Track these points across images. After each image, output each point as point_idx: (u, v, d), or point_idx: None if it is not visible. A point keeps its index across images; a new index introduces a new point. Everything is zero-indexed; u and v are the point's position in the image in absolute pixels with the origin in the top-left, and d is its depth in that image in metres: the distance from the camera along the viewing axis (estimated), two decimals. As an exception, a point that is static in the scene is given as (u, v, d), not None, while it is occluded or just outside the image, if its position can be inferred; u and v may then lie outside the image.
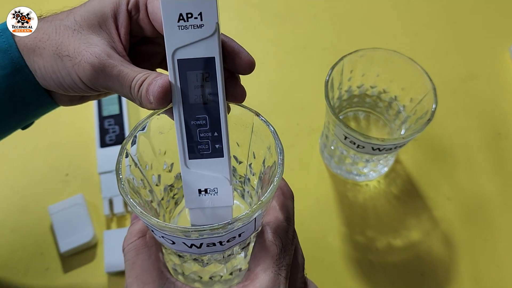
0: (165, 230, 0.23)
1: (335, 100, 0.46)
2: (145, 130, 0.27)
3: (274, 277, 0.24)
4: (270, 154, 0.27)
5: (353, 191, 0.49)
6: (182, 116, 0.25)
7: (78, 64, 0.27)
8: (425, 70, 0.42)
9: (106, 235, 0.44)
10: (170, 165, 0.30)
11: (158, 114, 0.27)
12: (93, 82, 0.27)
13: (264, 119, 0.26)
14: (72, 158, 0.50)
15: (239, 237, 0.24)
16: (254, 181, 0.30)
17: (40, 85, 0.29)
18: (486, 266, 0.44)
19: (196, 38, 0.24)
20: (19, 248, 0.45)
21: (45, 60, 0.28)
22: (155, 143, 0.28)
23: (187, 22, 0.23)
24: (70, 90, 0.29)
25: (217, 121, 0.25)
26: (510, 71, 0.57)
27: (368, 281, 0.43)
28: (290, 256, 0.26)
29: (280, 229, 0.26)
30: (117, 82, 0.27)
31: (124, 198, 0.24)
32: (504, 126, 0.53)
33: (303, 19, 0.62)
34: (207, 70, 0.24)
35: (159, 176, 0.29)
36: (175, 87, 0.25)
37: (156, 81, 0.25)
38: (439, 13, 0.62)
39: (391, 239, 0.46)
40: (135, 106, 0.54)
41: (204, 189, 0.26)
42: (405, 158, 0.50)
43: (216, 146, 0.26)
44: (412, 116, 0.44)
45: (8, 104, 0.29)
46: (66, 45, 0.27)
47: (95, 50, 0.27)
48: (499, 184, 0.49)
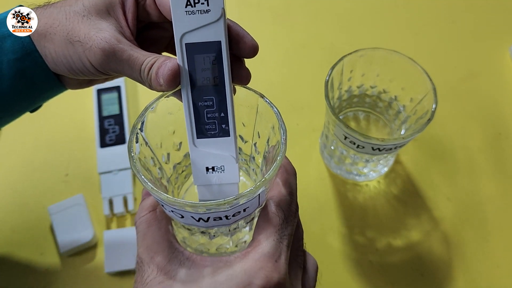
0: (174, 205, 0.24)
1: (335, 100, 0.46)
2: (155, 111, 0.28)
3: (276, 245, 0.25)
4: (274, 133, 0.28)
5: (353, 191, 0.49)
6: (190, 97, 0.26)
7: (89, 49, 0.28)
8: (425, 70, 0.42)
9: (106, 235, 0.44)
10: (179, 144, 0.31)
11: (167, 96, 0.28)
12: (103, 66, 0.28)
13: (269, 101, 0.28)
14: (72, 158, 0.50)
15: (244, 211, 0.26)
16: (258, 159, 0.31)
17: (50, 69, 0.30)
18: (486, 266, 0.44)
19: (203, 23, 0.25)
20: (19, 248, 0.45)
21: (56, 45, 0.29)
22: (164, 123, 0.29)
23: (194, 8, 0.24)
24: (80, 74, 0.30)
25: (224, 102, 0.26)
26: (510, 71, 0.57)
27: (368, 281, 0.43)
28: (292, 227, 0.27)
29: (283, 202, 0.27)
30: (127, 66, 0.28)
31: (136, 175, 0.25)
32: (504, 126, 0.53)
33: (303, 19, 0.62)
34: (214, 54, 0.25)
35: (168, 155, 0.31)
36: (183, 70, 0.26)
37: (166, 64, 0.26)
38: (439, 12, 0.62)
39: (391, 239, 0.46)
40: (135, 106, 0.54)
41: (212, 167, 0.28)
42: (405, 158, 0.50)
43: (222, 126, 0.27)
44: (412, 116, 0.44)
45: (18, 87, 0.30)
46: (77, 31, 0.28)
47: (105, 36, 0.28)
48: (499, 184, 0.49)
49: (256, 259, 0.24)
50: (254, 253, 0.25)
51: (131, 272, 0.44)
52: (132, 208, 0.46)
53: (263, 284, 0.24)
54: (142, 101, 0.54)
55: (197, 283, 0.24)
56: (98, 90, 0.52)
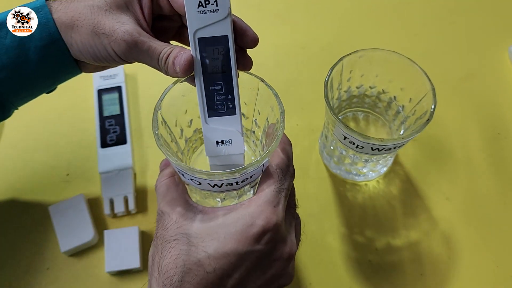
0: (195, 174, 0.29)
1: (335, 101, 0.46)
2: (171, 94, 0.33)
3: (275, 194, 0.30)
4: (273, 113, 0.33)
5: (353, 191, 0.49)
6: (202, 83, 0.31)
7: (114, 41, 0.32)
8: (424, 71, 0.42)
9: (106, 234, 0.44)
10: (190, 121, 0.37)
11: (181, 81, 0.33)
12: (126, 55, 0.33)
13: (268, 84, 0.33)
14: (73, 158, 0.50)
15: (250, 178, 0.31)
16: (258, 133, 0.38)
17: (71, 55, 0.34)
18: (485, 266, 0.44)
19: (213, 20, 0.29)
20: (20, 248, 0.45)
21: (82, 36, 0.33)
22: (178, 104, 0.35)
23: (205, 8, 0.29)
24: (104, 61, 0.34)
25: (231, 86, 0.31)
26: (509, 71, 0.57)
27: (367, 281, 0.44)
28: (289, 183, 0.32)
29: (282, 164, 0.32)
30: (146, 55, 0.32)
31: (161, 149, 0.30)
32: (503, 126, 0.53)
33: (302, 20, 0.62)
34: (222, 46, 0.30)
35: (182, 130, 0.37)
36: (196, 60, 0.30)
37: (181, 55, 0.30)
38: (438, 13, 0.63)
39: (390, 239, 0.46)
40: (135, 106, 0.54)
41: (221, 141, 0.32)
42: (404, 158, 0.51)
43: (230, 106, 0.32)
44: (411, 116, 0.45)
45: (42, 71, 0.35)
46: (102, 24, 0.32)
47: (127, 29, 0.32)
48: (499, 184, 0.49)
49: (258, 204, 0.30)
50: (257, 199, 0.30)
51: (131, 272, 0.44)
52: (133, 208, 0.46)
53: (264, 224, 0.29)
54: (142, 101, 0.55)
55: (211, 222, 0.29)
56: (99, 91, 0.53)
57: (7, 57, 0.34)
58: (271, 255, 0.30)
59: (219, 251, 0.28)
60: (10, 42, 0.33)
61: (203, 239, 0.29)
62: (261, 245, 0.29)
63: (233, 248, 0.28)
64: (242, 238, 0.28)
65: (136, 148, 0.51)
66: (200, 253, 0.28)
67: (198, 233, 0.29)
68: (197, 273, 0.28)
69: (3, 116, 0.38)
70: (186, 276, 0.28)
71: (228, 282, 0.28)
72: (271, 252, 0.30)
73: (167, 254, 0.29)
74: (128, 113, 0.51)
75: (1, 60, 0.34)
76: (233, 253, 0.28)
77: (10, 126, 0.53)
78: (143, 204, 0.48)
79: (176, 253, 0.29)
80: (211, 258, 0.28)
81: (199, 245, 0.28)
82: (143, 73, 0.57)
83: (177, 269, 0.28)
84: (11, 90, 0.36)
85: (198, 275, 0.28)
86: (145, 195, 0.48)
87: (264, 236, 0.29)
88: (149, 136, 0.52)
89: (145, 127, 0.53)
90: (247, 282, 0.29)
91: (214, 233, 0.29)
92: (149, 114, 0.54)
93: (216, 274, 0.28)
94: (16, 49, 0.34)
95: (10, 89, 0.36)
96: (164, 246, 0.29)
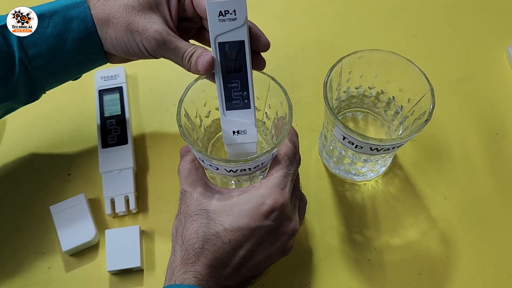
0: (213, 161, 0.34)
1: (334, 101, 0.47)
2: (193, 90, 0.38)
3: (283, 178, 0.35)
4: (282, 107, 0.38)
5: (352, 190, 0.49)
6: (221, 81, 0.35)
7: (146, 38, 0.36)
8: (422, 71, 0.42)
9: (108, 234, 0.44)
10: (208, 112, 0.42)
11: (202, 78, 0.38)
12: (155, 51, 0.37)
13: (278, 82, 0.37)
14: (74, 158, 0.51)
15: (261, 165, 0.36)
16: (268, 124, 0.43)
17: (103, 48, 0.39)
18: (483, 265, 0.45)
19: (231, 28, 0.33)
20: (21, 247, 0.45)
21: (117, 32, 0.37)
22: (199, 98, 0.40)
23: (225, 17, 0.33)
24: (134, 56, 0.39)
25: (246, 84, 0.35)
26: (508, 72, 0.58)
27: (366, 280, 0.44)
28: (295, 169, 0.37)
29: (289, 152, 0.37)
30: (173, 53, 0.37)
31: (184, 139, 0.35)
32: (501, 126, 0.53)
33: (302, 21, 0.62)
34: (239, 49, 0.34)
35: (201, 121, 0.42)
36: (216, 61, 0.35)
37: (204, 56, 0.35)
38: (437, 14, 0.63)
39: (389, 238, 0.46)
40: (136, 106, 0.54)
41: (237, 131, 0.37)
42: (403, 158, 0.51)
43: (245, 101, 0.36)
44: (410, 116, 0.45)
45: (76, 60, 0.39)
46: (136, 23, 0.36)
47: (158, 28, 0.36)
48: (497, 183, 0.49)
49: (268, 187, 0.34)
50: (267, 183, 0.35)
51: (132, 271, 0.44)
52: (134, 208, 0.46)
53: (272, 204, 0.33)
54: (143, 102, 0.55)
55: (226, 201, 0.34)
56: (100, 91, 0.53)
57: (46, 45, 0.37)
58: (277, 231, 0.34)
59: (234, 225, 0.33)
60: (50, 32, 0.37)
61: (220, 215, 0.33)
62: (269, 221, 0.33)
63: (245, 223, 0.33)
64: (253, 215, 0.33)
65: (137, 148, 0.51)
66: (217, 226, 0.33)
67: (216, 210, 0.34)
68: (215, 243, 0.33)
69: (32, 99, 0.42)
70: (206, 244, 0.33)
71: (240, 252, 0.33)
72: (277, 228, 0.34)
73: (190, 226, 0.34)
74: (129, 114, 0.51)
75: (41, 48, 0.37)
76: (246, 228, 0.33)
77: (11, 126, 0.53)
78: (144, 204, 0.48)
79: (197, 225, 0.33)
80: (227, 231, 0.33)
81: (217, 220, 0.33)
82: (144, 73, 0.57)
83: (198, 238, 0.33)
84: (45, 76, 0.39)
85: (216, 244, 0.32)
86: (146, 195, 0.48)
87: (272, 213, 0.33)
88: (150, 136, 0.52)
89: (146, 127, 0.53)
90: (256, 253, 0.34)
91: (230, 210, 0.33)
92: (150, 114, 0.54)
93: (231, 245, 0.33)
94: (55, 38, 0.37)
95: (45, 76, 0.39)
96: (187, 220, 0.34)
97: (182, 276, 0.32)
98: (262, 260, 0.34)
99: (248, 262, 0.34)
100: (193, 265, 0.32)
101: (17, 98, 0.40)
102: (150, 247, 0.46)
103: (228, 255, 0.33)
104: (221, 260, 0.33)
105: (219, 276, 0.33)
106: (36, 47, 0.37)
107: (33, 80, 0.39)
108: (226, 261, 0.33)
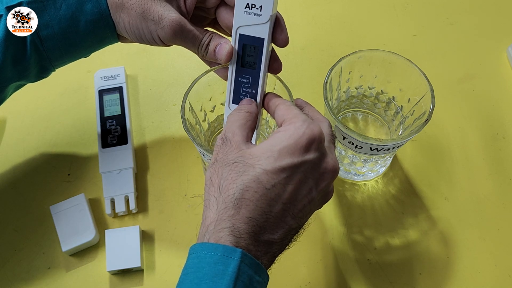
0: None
1: (334, 101, 0.47)
2: (199, 84, 0.38)
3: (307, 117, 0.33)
4: None
5: (352, 190, 0.49)
6: (234, 72, 0.36)
7: (161, 28, 0.36)
8: (422, 71, 0.42)
9: (107, 234, 0.44)
10: (213, 107, 0.43)
11: (210, 71, 0.38)
12: (169, 40, 0.37)
13: (284, 83, 0.39)
14: (74, 158, 0.51)
15: None
16: (272, 122, 0.44)
17: (116, 31, 0.38)
18: (483, 265, 0.45)
19: (255, 22, 0.34)
20: (21, 247, 0.45)
21: (131, 18, 0.36)
22: (204, 92, 0.40)
23: (251, 10, 0.33)
24: (146, 42, 0.38)
25: (257, 83, 0.35)
26: (508, 72, 0.58)
27: (366, 280, 0.44)
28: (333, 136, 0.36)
29: (303, 102, 0.38)
30: (189, 41, 0.37)
31: (186, 132, 0.36)
32: (501, 127, 0.53)
33: (302, 21, 0.62)
34: (257, 46, 0.34)
35: (205, 115, 0.43)
36: (234, 52, 0.35)
37: (223, 46, 0.35)
38: (437, 14, 0.63)
39: (389, 239, 0.46)
40: (136, 107, 0.54)
41: None
42: (403, 158, 0.51)
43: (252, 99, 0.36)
44: (410, 116, 0.45)
45: (88, 42, 0.39)
46: (151, 11, 0.36)
47: (174, 18, 0.36)
48: (496, 183, 0.49)
49: (303, 120, 0.32)
50: (296, 120, 0.33)
51: (132, 271, 0.44)
52: (134, 207, 0.47)
53: (309, 133, 0.31)
54: (143, 102, 0.55)
55: (264, 144, 0.32)
56: (100, 91, 0.53)
57: (59, 27, 0.37)
58: (320, 165, 0.32)
59: (276, 166, 0.30)
60: (63, 14, 0.37)
61: (259, 158, 0.31)
62: (310, 153, 0.31)
63: (288, 161, 0.30)
64: (294, 150, 0.31)
65: (137, 148, 0.51)
66: (257, 170, 0.30)
67: (255, 154, 0.31)
68: (257, 190, 0.30)
69: (42, 76, 0.41)
70: (245, 193, 0.30)
71: (283, 197, 0.31)
72: (320, 161, 0.32)
73: (227, 175, 0.31)
74: (129, 114, 0.51)
75: (53, 29, 0.37)
76: (288, 166, 0.30)
77: (11, 126, 0.53)
78: (144, 204, 0.48)
79: (235, 174, 0.31)
80: (268, 174, 0.30)
81: (256, 164, 0.31)
82: (144, 73, 0.57)
83: (236, 187, 0.30)
84: (57, 56, 0.39)
85: (258, 191, 0.30)
86: (146, 195, 0.48)
87: (312, 145, 0.31)
88: (150, 136, 0.52)
89: (146, 127, 0.53)
90: (300, 195, 0.32)
91: (269, 151, 0.31)
92: (150, 114, 0.54)
93: (275, 190, 0.30)
94: (68, 20, 0.37)
95: (56, 56, 0.39)
96: (224, 169, 0.32)
97: (217, 234, 0.30)
98: (307, 204, 0.32)
99: (292, 207, 0.31)
100: (230, 220, 0.30)
101: (28, 77, 0.40)
102: (150, 247, 0.46)
103: (271, 202, 0.30)
104: (263, 210, 0.30)
105: (260, 230, 0.30)
106: (49, 29, 0.37)
107: (44, 59, 0.39)
108: (268, 210, 0.30)
